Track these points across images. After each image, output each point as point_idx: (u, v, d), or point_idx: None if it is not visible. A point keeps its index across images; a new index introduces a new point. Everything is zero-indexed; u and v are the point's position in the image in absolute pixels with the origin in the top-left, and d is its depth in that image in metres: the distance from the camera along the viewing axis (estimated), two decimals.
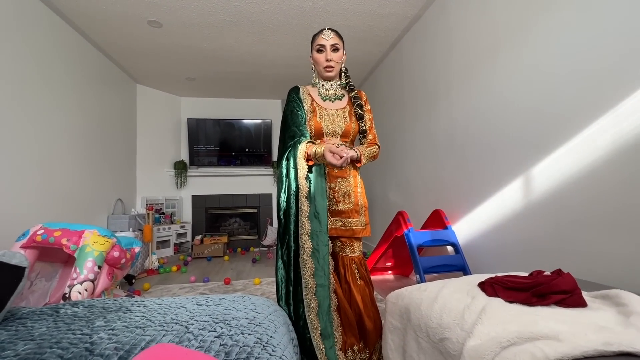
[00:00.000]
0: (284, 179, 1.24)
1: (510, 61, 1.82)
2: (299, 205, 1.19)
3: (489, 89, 1.99)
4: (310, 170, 1.21)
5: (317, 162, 1.21)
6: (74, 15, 2.65)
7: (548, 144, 1.57)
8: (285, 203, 1.23)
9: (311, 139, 1.31)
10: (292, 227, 1.20)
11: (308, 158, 1.20)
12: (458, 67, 2.30)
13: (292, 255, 1.20)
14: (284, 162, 1.25)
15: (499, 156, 1.92)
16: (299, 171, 1.19)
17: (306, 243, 1.17)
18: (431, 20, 2.63)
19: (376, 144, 1.42)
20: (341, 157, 1.10)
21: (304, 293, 1.16)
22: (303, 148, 1.20)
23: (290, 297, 1.21)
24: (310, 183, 1.20)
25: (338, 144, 1.26)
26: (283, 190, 1.24)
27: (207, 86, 4.44)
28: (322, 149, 1.15)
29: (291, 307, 1.20)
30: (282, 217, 1.24)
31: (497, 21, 1.91)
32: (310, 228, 1.17)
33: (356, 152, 1.26)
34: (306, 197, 1.18)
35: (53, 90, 2.57)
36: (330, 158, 1.11)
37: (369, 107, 1.43)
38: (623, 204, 1.25)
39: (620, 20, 1.27)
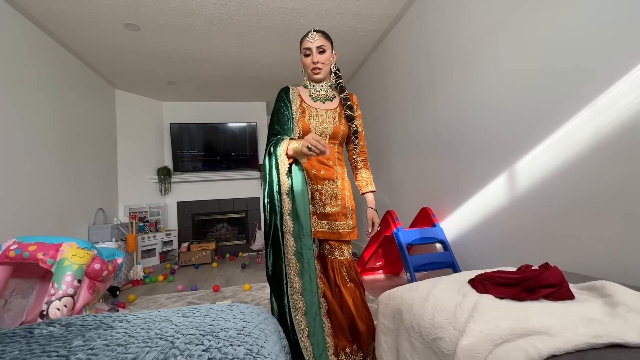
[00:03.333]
0: (267, 176, 1.22)
1: (490, 60, 1.85)
2: (282, 202, 1.17)
3: (471, 87, 2.02)
4: (290, 170, 1.19)
5: (296, 159, 1.19)
6: (46, 19, 2.54)
7: (530, 139, 1.61)
8: (269, 201, 1.21)
9: (299, 139, 1.29)
10: (278, 224, 1.18)
11: (288, 155, 1.19)
12: (440, 66, 2.33)
13: (281, 253, 1.18)
14: (266, 160, 1.23)
15: (482, 153, 1.95)
16: (280, 167, 1.18)
17: (289, 241, 1.16)
18: (412, 20, 2.65)
19: (365, 153, 1.45)
20: (317, 147, 1.06)
21: (290, 293, 1.15)
22: (284, 144, 1.19)
23: (283, 297, 1.18)
24: (291, 181, 1.18)
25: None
26: (267, 188, 1.22)
27: (189, 90, 4.35)
28: (300, 144, 1.12)
29: (285, 308, 1.17)
30: (267, 215, 1.22)
31: (476, 21, 1.94)
32: (292, 226, 1.16)
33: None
34: (287, 194, 1.17)
35: (26, 98, 2.45)
36: (304, 148, 1.08)
37: (360, 112, 1.42)
38: (604, 196, 1.29)
39: (594, 18, 1.30)
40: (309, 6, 2.59)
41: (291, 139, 1.21)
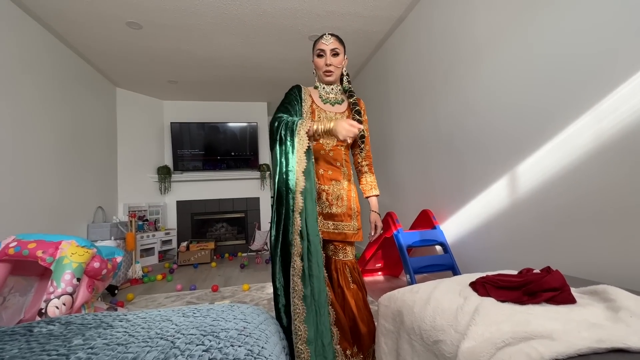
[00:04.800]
0: (280, 157, 1.22)
1: (493, 63, 1.85)
2: (297, 183, 1.17)
3: (473, 90, 2.02)
4: (308, 149, 1.20)
5: (314, 138, 1.24)
6: (48, 16, 2.54)
7: (532, 142, 1.61)
8: (283, 179, 1.20)
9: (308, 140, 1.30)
10: (292, 204, 1.17)
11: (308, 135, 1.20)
12: (442, 67, 2.33)
13: (289, 233, 1.17)
14: (277, 136, 1.23)
15: (484, 155, 1.95)
16: (296, 144, 1.18)
17: (296, 220, 1.15)
18: (415, 22, 2.66)
19: (371, 157, 1.48)
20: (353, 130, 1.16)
21: (291, 273, 1.14)
22: (306, 123, 1.21)
23: (288, 279, 1.17)
24: (308, 160, 1.19)
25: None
26: (278, 169, 1.22)
27: (191, 89, 4.35)
28: (333, 124, 1.18)
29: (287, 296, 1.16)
30: (282, 190, 1.21)
31: (479, 22, 1.95)
32: (302, 205, 1.15)
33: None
34: (303, 174, 1.17)
35: (27, 95, 2.45)
36: (343, 127, 1.16)
37: (366, 117, 1.44)
38: (606, 200, 1.29)
39: (598, 22, 1.30)
40: (311, 7, 2.59)
41: (312, 120, 1.24)
